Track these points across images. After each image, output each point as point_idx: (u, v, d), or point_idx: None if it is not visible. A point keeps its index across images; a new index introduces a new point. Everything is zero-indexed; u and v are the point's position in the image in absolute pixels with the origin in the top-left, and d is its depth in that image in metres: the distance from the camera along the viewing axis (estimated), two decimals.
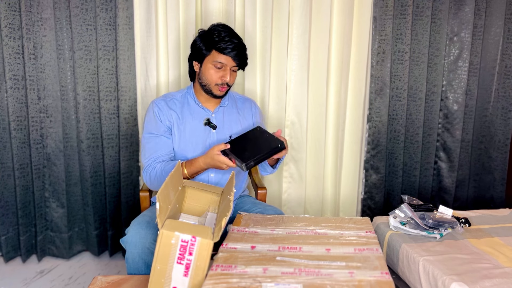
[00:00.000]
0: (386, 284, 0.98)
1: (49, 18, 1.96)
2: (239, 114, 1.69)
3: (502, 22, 2.35)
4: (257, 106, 1.78)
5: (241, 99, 1.75)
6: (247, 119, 1.70)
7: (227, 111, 1.67)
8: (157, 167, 1.51)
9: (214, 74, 1.53)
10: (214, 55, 1.52)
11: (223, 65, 1.52)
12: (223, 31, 1.52)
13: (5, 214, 2.10)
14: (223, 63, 1.52)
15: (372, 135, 2.33)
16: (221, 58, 1.51)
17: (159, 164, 1.52)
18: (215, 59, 1.52)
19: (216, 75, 1.53)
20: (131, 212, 2.16)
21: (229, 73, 1.53)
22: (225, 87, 1.56)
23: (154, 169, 1.52)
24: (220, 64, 1.52)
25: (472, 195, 2.59)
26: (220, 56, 1.51)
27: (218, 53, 1.51)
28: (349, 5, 2.13)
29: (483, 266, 1.37)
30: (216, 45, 1.50)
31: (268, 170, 1.72)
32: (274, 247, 1.18)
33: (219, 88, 1.55)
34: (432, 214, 1.67)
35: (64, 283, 1.99)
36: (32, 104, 2.00)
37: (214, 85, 1.55)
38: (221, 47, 1.49)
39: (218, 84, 1.54)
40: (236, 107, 1.70)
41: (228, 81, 1.54)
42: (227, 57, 1.51)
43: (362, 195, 2.43)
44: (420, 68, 2.29)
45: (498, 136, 2.48)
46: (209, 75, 1.54)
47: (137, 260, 1.33)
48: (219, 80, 1.54)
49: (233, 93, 1.76)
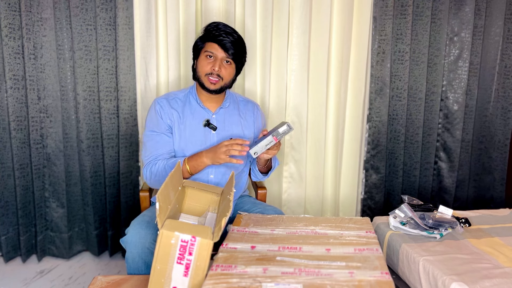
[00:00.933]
0: (386, 284, 0.98)
1: (49, 18, 1.96)
2: (241, 116, 1.67)
3: (502, 22, 2.35)
4: (259, 109, 1.76)
5: (244, 101, 1.73)
6: (248, 122, 1.69)
7: (228, 112, 1.65)
8: (159, 163, 1.51)
9: (205, 64, 1.53)
10: (207, 45, 1.54)
11: (214, 55, 1.53)
12: (220, 25, 1.54)
13: (5, 214, 2.10)
14: (213, 52, 1.52)
15: (372, 135, 2.33)
16: (212, 47, 1.52)
17: (160, 161, 1.52)
18: (207, 49, 1.53)
19: (207, 66, 1.53)
20: (131, 212, 2.16)
21: (219, 62, 1.52)
22: (216, 79, 1.53)
23: (155, 165, 1.51)
24: (211, 53, 1.52)
25: (472, 195, 2.59)
26: (210, 45, 1.53)
27: (210, 42, 1.53)
28: (349, 5, 2.13)
29: (483, 266, 1.37)
30: (208, 35, 1.53)
31: (258, 176, 1.71)
32: (274, 247, 1.18)
33: (209, 79, 1.53)
34: (432, 214, 1.67)
35: (64, 283, 1.99)
36: (32, 104, 2.00)
37: (205, 75, 1.54)
38: (212, 35, 1.51)
39: (208, 74, 1.53)
40: (238, 109, 1.69)
41: (218, 71, 1.52)
42: (217, 46, 1.51)
43: (362, 195, 2.43)
44: (420, 68, 2.29)
45: (498, 136, 2.48)
46: (200, 66, 1.55)
47: (137, 260, 1.33)
48: (209, 70, 1.53)
49: (236, 95, 1.74)
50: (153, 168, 1.51)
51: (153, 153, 1.54)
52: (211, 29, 1.54)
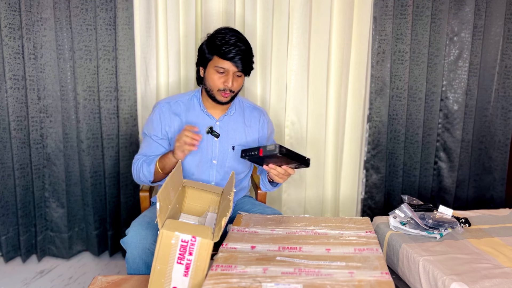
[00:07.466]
0: (386, 284, 0.98)
1: (49, 18, 1.96)
2: (245, 124, 1.64)
3: (502, 22, 2.35)
4: (266, 117, 1.71)
5: (250, 107, 1.68)
6: (253, 129, 1.65)
7: (232, 120, 1.61)
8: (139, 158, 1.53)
9: (217, 79, 1.48)
10: (216, 60, 1.47)
11: (225, 70, 1.47)
12: (227, 35, 1.46)
13: (5, 214, 2.10)
14: (225, 68, 1.46)
15: (372, 135, 2.33)
16: (223, 64, 1.46)
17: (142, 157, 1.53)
18: (217, 64, 1.47)
19: (219, 81, 1.48)
20: (131, 212, 2.16)
21: (231, 78, 1.48)
22: (228, 93, 1.50)
23: (137, 160, 1.53)
24: (222, 69, 1.47)
25: (472, 195, 2.59)
26: (221, 61, 1.46)
27: (220, 58, 1.46)
28: (349, 5, 2.13)
29: (483, 266, 1.36)
30: (218, 50, 1.45)
31: (267, 186, 1.67)
32: (274, 247, 1.18)
33: (221, 93, 1.50)
34: (432, 214, 1.67)
35: (64, 283, 1.99)
36: (32, 104, 2.00)
37: (217, 90, 1.50)
38: (223, 51, 1.44)
39: (221, 90, 1.49)
40: (243, 116, 1.65)
41: (230, 87, 1.48)
42: (228, 62, 1.45)
43: (362, 195, 2.43)
44: (420, 68, 2.29)
45: (498, 136, 2.48)
46: (211, 81, 1.49)
47: (137, 261, 1.33)
48: (222, 86, 1.48)
49: (243, 101, 1.70)
50: (134, 165, 1.53)
51: (141, 153, 1.56)
52: (220, 43, 1.45)
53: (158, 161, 1.48)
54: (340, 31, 2.16)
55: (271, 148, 1.31)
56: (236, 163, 1.60)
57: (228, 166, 1.59)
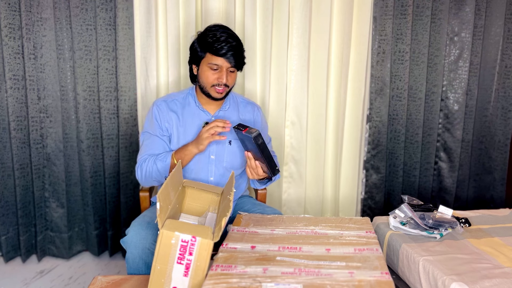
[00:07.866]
0: (386, 284, 0.98)
1: (49, 18, 1.96)
2: (240, 118, 1.67)
3: (502, 22, 2.35)
4: (259, 110, 1.74)
5: (244, 102, 1.72)
6: (247, 123, 1.67)
7: (227, 115, 1.64)
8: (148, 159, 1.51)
9: (211, 76, 1.51)
10: (209, 57, 1.49)
11: (219, 67, 1.50)
12: (218, 32, 1.48)
13: (5, 214, 2.10)
14: (218, 64, 1.49)
15: (373, 135, 2.33)
16: (216, 60, 1.49)
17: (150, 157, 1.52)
18: (210, 61, 1.49)
19: (213, 77, 1.51)
20: (131, 212, 2.16)
21: (225, 74, 1.50)
22: (222, 88, 1.52)
23: (145, 161, 1.51)
24: (216, 66, 1.50)
25: (472, 195, 2.59)
26: (214, 58, 1.49)
27: (212, 55, 1.48)
28: (349, 5, 2.13)
29: (483, 266, 1.36)
30: (210, 47, 1.48)
31: (255, 183, 1.68)
32: (274, 247, 1.18)
33: (216, 89, 1.52)
34: (432, 214, 1.67)
35: (64, 283, 1.99)
36: (32, 104, 2.00)
37: (211, 86, 1.52)
38: (215, 48, 1.47)
39: (215, 85, 1.52)
40: (238, 110, 1.68)
41: (225, 82, 1.51)
42: (221, 58, 1.48)
43: (362, 195, 2.43)
44: (420, 68, 2.29)
45: (498, 136, 2.48)
46: (205, 78, 1.52)
47: (137, 261, 1.33)
48: (216, 81, 1.51)
49: (237, 96, 1.73)
50: (143, 165, 1.51)
51: (147, 152, 1.54)
52: (212, 41, 1.47)
53: (175, 154, 1.50)
54: (340, 31, 2.16)
55: (252, 131, 1.35)
56: (233, 158, 1.62)
57: (226, 161, 1.61)
